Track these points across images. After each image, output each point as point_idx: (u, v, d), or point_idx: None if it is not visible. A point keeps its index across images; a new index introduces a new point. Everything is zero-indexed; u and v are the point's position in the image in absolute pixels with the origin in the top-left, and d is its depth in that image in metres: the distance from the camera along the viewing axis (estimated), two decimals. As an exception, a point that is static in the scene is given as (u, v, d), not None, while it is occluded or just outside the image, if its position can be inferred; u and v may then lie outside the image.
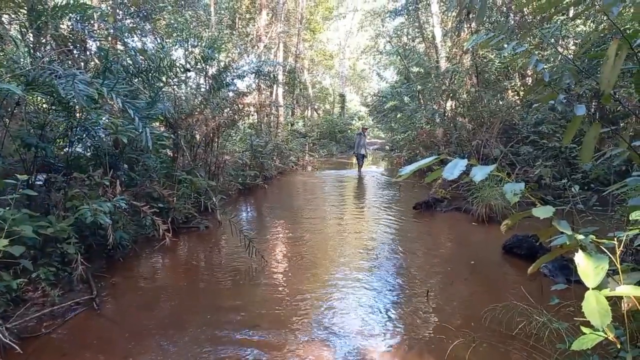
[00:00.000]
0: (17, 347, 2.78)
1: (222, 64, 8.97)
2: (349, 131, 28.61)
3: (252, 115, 14.13)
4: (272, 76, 12.88)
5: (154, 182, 5.79)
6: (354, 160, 15.97)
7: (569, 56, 7.83)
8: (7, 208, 3.12)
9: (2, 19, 5.70)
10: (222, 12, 16.30)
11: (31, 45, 4.79)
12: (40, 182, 4.43)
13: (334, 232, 6.56)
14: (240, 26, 17.83)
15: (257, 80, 13.32)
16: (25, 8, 4.83)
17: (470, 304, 3.93)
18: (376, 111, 24.13)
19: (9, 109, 4.11)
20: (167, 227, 4.94)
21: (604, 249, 1.65)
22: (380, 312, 3.72)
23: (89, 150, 5.12)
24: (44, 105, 4.81)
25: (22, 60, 4.68)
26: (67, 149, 4.52)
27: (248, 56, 15.85)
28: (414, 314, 3.70)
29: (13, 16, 5.61)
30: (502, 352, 2.98)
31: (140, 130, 4.20)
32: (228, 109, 8.74)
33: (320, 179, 13.56)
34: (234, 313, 3.67)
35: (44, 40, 5.08)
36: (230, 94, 9.49)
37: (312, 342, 3.16)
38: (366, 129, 16.95)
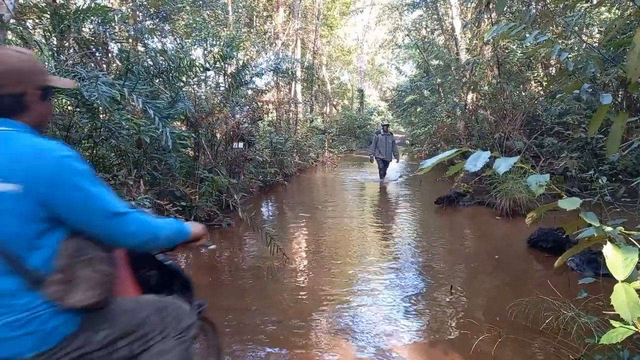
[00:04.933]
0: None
1: (240, 62, 9.04)
2: (369, 126, 28.51)
3: (271, 112, 14.20)
4: (290, 73, 12.91)
5: (176, 181, 5.88)
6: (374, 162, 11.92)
7: (594, 44, 7.62)
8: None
9: (27, 24, 5.85)
10: (240, 10, 16.38)
11: (55, 49, 4.89)
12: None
13: (355, 228, 6.55)
14: (258, 24, 17.90)
15: (275, 78, 13.38)
16: (48, 13, 4.94)
17: (495, 299, 3.88)
18: (395, 106, 24.03)
19: (36, 112, 4.22)
20: (189, 225, 5.00)
21: (634, 241, 1.61)
22: (404, 308, 3.70)
23: (113, 150, 5.22)
24: (69, 108, 4.91)
25: (46, 63, 4.78)
26: (92, 149, 4.61)
27: (266, 54, 15.90)
28: (437, 309, 3.68)
29: (37, 21, 5.75)
30: (528, 347, 2.93)
31: (160, 130, 4.26)
32: (247, 107, 8.80)
33: (340, 175, 13.55)
34: (256, 309, 3.70)
35: (67, 44, 5.18)
36: (249, 91, 9.56)
37: (335, 338, 3.16)
38: (388, 125, 11.97)
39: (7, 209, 1.18)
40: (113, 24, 6.29)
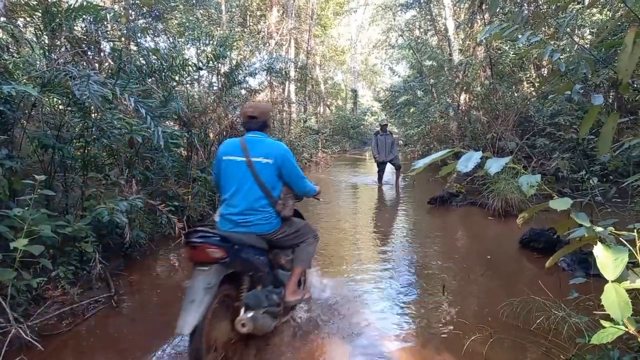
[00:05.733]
0: (38, 345, 2.83)
1: (234, 61, 9.00)
2: (362, 127, 28.54)
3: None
4: (283, 73, 12.88)
5: (169, 181, 5.84)
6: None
7: (585, 46, 7.68)
8: (27, 208, 3.17)
9: (18, 22, 5.79)
10: (233, 10, 16.33)
11: (46, 48, 4.84)
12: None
13: (348, 228, 6.55)
14: (251, 23, 17.85)
15: (269, 78, 13.35)
16: (40, 11, 4.88)
17: (487, 299, 3.90)
18: (389, 106, 24.07)
19: (26, 111, 4.17)
20: (182, 225, 4.98)
21: (624, 241, 1.62)
22: (396, 308, 3.71)
23: (104, 150, 5.18)
24: (60, 107, 4.87)
25: (37, 62, 4.74)
26: (83, 149, 4.57)
27: (259, 53, 15.85)
28: (429, 309, 3.69)
29: (28, 19, 5.69)
30: (520, 347, 2.95)
31: (152, 129, 4.24)
32: (241, 106, 8.78)
33: (334, 175, 13.54)
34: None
35: (58, 42, 5.12)
36: (243, 91, 9.54)
37: (328, 338, 3.16)
38: (386, 124, 10.96)
39: (268, 171, 2.76)
40: (105, 23, 6.23)
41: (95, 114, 4.53)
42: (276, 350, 2.99)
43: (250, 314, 2.68)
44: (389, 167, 10.86)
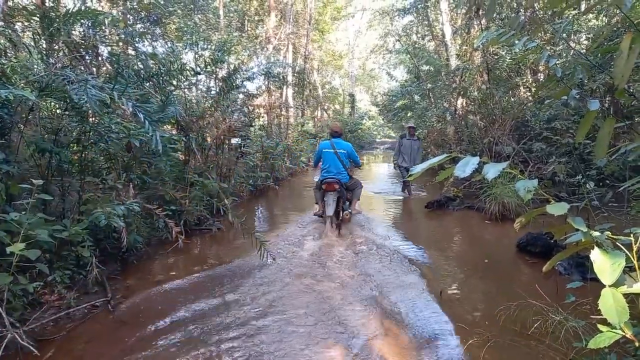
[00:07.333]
0: (34, 350, 2.81)
1: (231, 66, 9.01)
2: (359, 131, 28.56)
3: (262, 116, 14.17)
4: (281, 77, 12.89)
5: (166, 185, 5.83)
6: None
7: (582, 51, 7.71)
8: (23, 212, 3.16)
9: (16, 26, 5.79)
10: (231, 14, 16.36)
11: (44, 52, 4.84)
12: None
13: (345, 233, 6.54)
14: (249, 28, 17.90)
15: (266, 82, 13.36)
16: (38, 15, 4.89)
17: (484, 303, 3.90)
18: (386, 110, 24.11)
19: (24, 115, 4.16)
20: (179, 229, 4.94)
21: (620, 246, 1.63)
22: (393, 311, 3.70)
23: (102, 154, 5.17)
24: (58, 111, 4.87)
25: (35, 66, 4.74)
26: (80, 153, 4.56)
27: (257, 58, 15.88)
28: (426, 313, 3.68)
29: (26, 24, 5.69)
30: (517, 351, 2.95)
31: (150, 134, 4.23)
32: (239, 111, 8.78)
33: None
34: (245, 313, 3.67)
35: (56, 47, 5.13)
36: (241, 96, 9.54)
37: (324, 341, 3.15)
38: (415, 128, 10.19)
39: (344, 156, 6.43)
40: (103, 27, 6.25)
41: (93, 118, 4.53)
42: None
43: (346, 211, 6.29)
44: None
